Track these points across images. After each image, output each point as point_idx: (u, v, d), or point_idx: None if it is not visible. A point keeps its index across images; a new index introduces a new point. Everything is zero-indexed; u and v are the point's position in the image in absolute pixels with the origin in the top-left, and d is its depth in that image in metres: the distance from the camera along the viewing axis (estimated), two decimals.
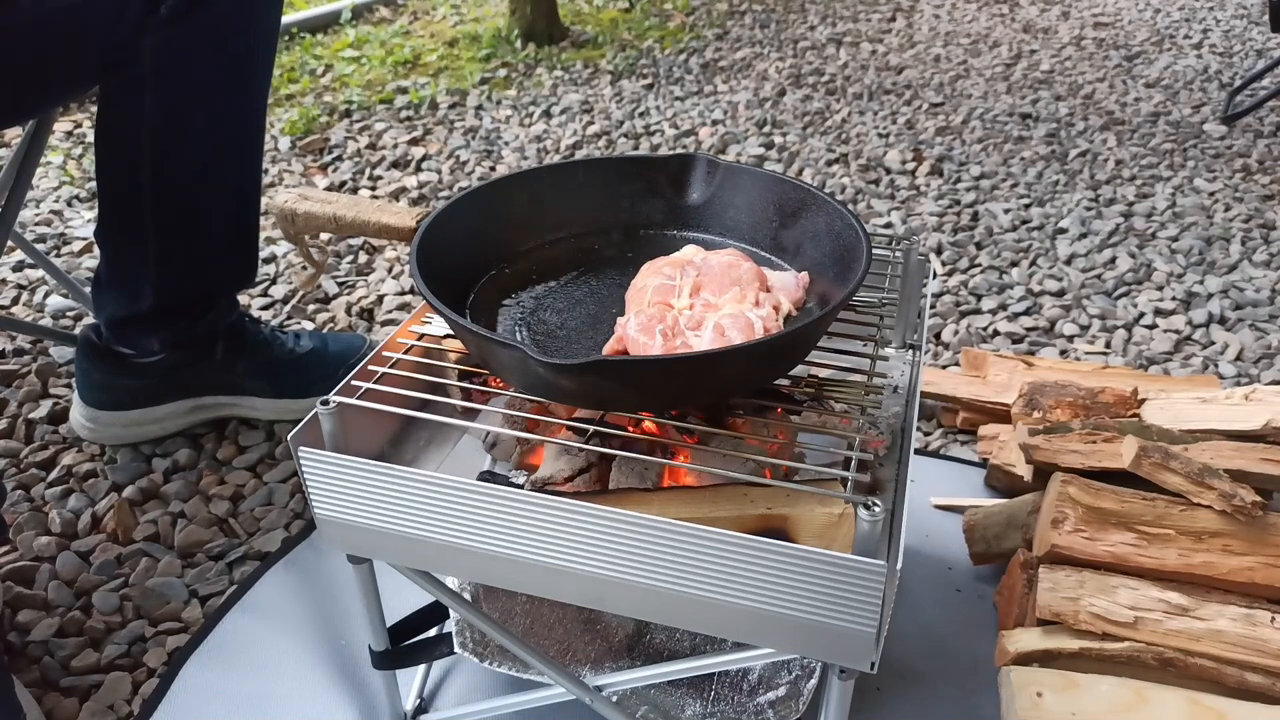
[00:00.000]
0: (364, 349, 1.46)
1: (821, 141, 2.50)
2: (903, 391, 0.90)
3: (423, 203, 2.19)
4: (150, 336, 1.34)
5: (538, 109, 2.71)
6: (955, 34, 3.41)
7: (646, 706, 0.94)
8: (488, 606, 1.03)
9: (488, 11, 3.60)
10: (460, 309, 0.85)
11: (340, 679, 1.06)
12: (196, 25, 1.14)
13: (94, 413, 1.37)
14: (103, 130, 1.22)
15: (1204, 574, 0.99)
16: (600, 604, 0.77)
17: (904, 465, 0.77)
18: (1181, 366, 1.62)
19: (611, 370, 0.70)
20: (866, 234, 0.81)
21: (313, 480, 0.78)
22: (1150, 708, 0.92)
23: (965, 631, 1.11)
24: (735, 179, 0.95)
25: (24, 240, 1.52)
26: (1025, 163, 2.38)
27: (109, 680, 1.06)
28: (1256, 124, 2.61)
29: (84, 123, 2.51)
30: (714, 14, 3.63)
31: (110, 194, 1.26)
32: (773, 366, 0.79)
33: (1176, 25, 3.50)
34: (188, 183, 1.25)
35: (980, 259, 1.94)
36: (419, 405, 0.82)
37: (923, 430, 1.47)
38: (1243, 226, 2.07)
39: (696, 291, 0.82)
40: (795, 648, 0.74)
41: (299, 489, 1.33)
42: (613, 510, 0.69)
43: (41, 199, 2.13)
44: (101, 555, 1.22)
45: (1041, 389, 1.28)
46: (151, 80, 1.15)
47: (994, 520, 1.16)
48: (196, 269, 1.32)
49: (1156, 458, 1.01)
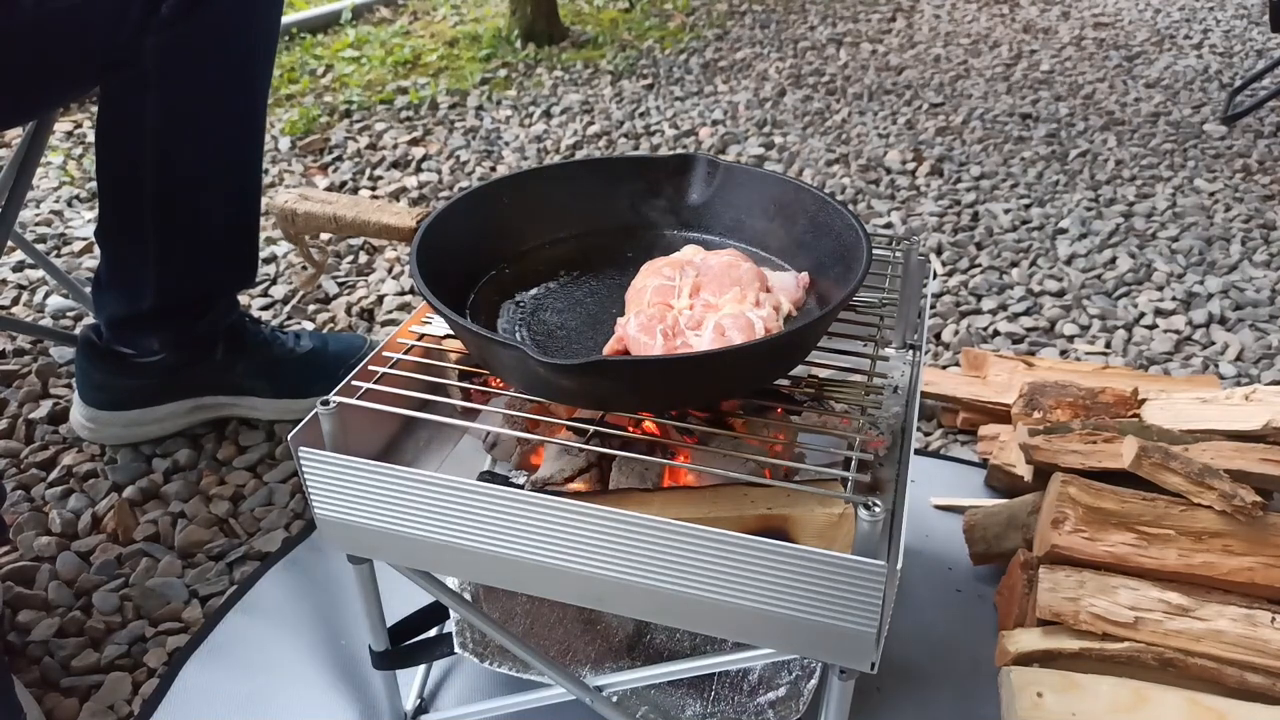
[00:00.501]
0: (364, 349, 1.46)
1: (821, 142, 2.50)
2: (903, 392, 0.90)
3: (423, 203, 2.19)
4: (150, 336, 1.34)
5: (538, 109, 2.71)
6: (955, 34, 3.41)
7: (646, 707, 0.94)
8: (488, 607, 1.03)
9: (488, 11, 3.60)
10: (460, 309, 0.85)
11: (340, 679, 1.06)
12: (198, 25, 1.14)
13: (94, 413, 1.37)
14: (103, 130, 1.22)
15: (1204, 574, 0.99)
16: (600, 604, 0.77)
17: (904, 465, 0.77)
18: (1182, 367, 1.62)
19: (612, 370, 0.70)
20: (867, 234, 0.81)
21: (313, 480, 0.78)
22: (1150, 708, 0.92)
23: (965, 632, 1.11)
24: (735, 179, 0.95)
25: (24, 240, 1.52)
26: (1025, 163, 2.38)
27: (109, 680, 1.06)
28: (1257, 124, 2.61)
29: (84, 123, 2.51)
30: (714, 14, 3.63)
31: (110, 194, 1.26)
32: (773, 366, 0.79)
33: (1177, 25, 3.50)
34: (188, 182, 1.25)
35: (980, 259, 1.94)
36: (419, 405, 0.81)
37: (923, 430, 1.47)
38: (1243, 227, 2.07)
39: (696, 292, 0.82)
40: (795, 648, 0.74)
41: (299, 489, 1.33)
42: (613, 510, 0.69)
43: (41, 199, 2.13)
44: (101, 555, 1.22)
45: (1042, 389, 1.28)
46: (153, 80, 1.15)
47: (994, 520, 1.16)
48: (197, 269, 1.32)
49: (1157, 458, 1.01)
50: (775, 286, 0.84)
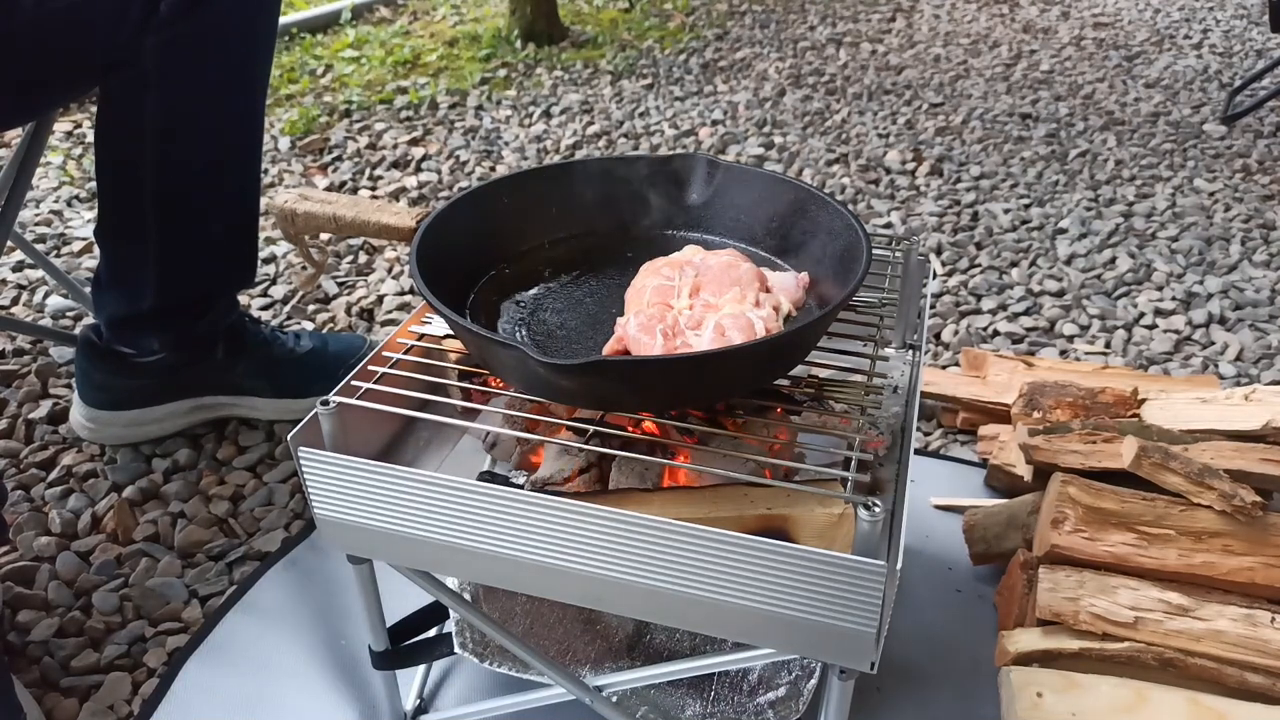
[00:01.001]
0: (364, 349, 1.46)
1: (821, 142, 2.50)
2: (903, 392, 0.90)
3: (423, 203, 2.19)
4: (150, 336, 1.34)
5: (538, 109, 2.71)
6: (955, 34, 3.41)
7: (646, 707, 0.94)
8: (488, 607, 1.03)
9: (488, 11, 3.60)
10: (460, 309, 0.85)
11: (340, 679, 1.06)
12: (198, 25, 1.14)
13: (94, 412, 1.37)
14: (103, 130, 1.22)
15: (1204, 574, 0.99)
16: (600, 604, 0.77)
17: (904, 465, 0.77)
18: (1181, 367, 1.62)
19: (612, 370, 0.70)
20: (867, 234, 0.81)
21: (313, 480, 0.78)
22: (1151, 708, 0.92)
23: (965, 632, 1.11)
24: (735, 179, 0.95)
25: (24, 240, 1.52)
26: (1025, 163, 2.38)
27: (109, 680, 1.06)
28: (1256, 124, 2.61)
29: (84, 123, 2.51)
30: (714, 14, 3.63)
31: (110, 193, 1.26)
32: (773, 367, 0.79)
33: (1176, 25, 3.50)
34: (188, 182, 1.25)
35: (980, 259, 1.94)
36: (419, 405, 0.81)
37: (923, 430, 1.47)
38: (1243, 227, 2.07)
39: (696, 292, 0.82)
40: (795, 648, 0.74)
41: (299, 489, 1.33)
42: (613, 510, 0.69)
43: (41, 199, 2.13)
44: (101, 555, 1.22)
45: (1041, 389, 1.28)
46: (153, 80, 1.15)
47: (994, 520, 1.16)
48: (196, 268, 1.32)
49: (1156, 458, 1.01)
50: (775, 286, 0.84)
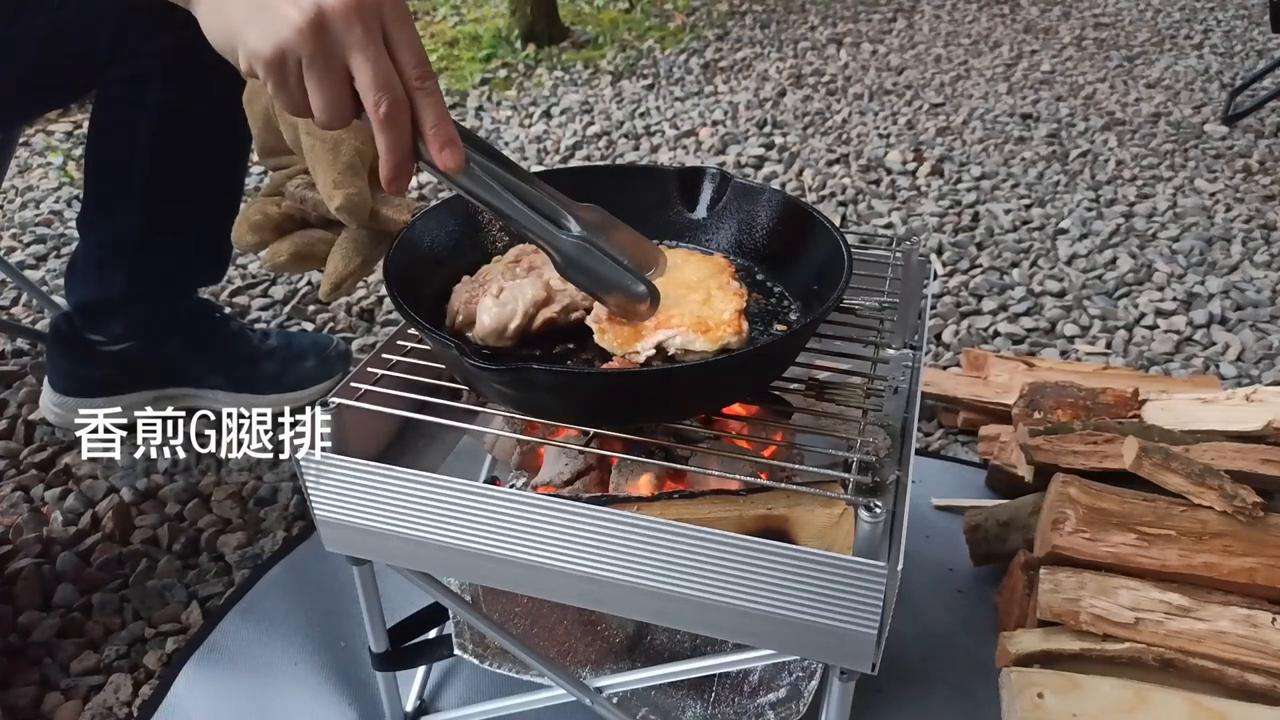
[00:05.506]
0: (331, 348, 1.48)
1: (822, 142, 2.50)
2: (903, 392, 0.89)
3: (423, 203, 2.19)
4: (117, 322, 1.36)
5: (538, 109, 2.71)
6: (956, 34, 3.41)
7: (647, 708, 0.94)
8: (488, 608, 1.03)
9: (488, 12, 3.59)
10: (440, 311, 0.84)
11: (340, 681, 1.06)
12: (197, 25, 1.14)
13: (61, 398, 1.40)
14: (99, 125, 1.24)
15: (1205, 575, 0.99)
16: (600, 605, 0.77)
17: (905, 466, 0.76)
18: (1182, 367, 1.62)
19: (540, 379, 0.68)
20: (850, 253, 0.80)
21: (312, 481, 0.78)
22: (1151, 709, 0.92)
23: (966, 633, 1.11)
24: (741, 195, 0.94)
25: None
26: (1026, 163, 2.38)
27: (109, 682, 1.06)
28: (1257, 124, 2.60)
29: (83, 123, 2.51)
30: (714, 14, 3.63)
31: (99, 185, 1.28)
32: (711, 391, 0.76)
33: (1177, 26, 3.50)
34: (179, 179, 1.26)
35: (981, 259, 1.94)
36: (418, 407, 0.81)
37: (923, 431, 1.47)
38: (1243, 227, 2.06)
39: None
40: (796, 649, 0.74)
41: (299, 489, 1.33)
42: (613, 511, 0.69)
43: (41, 199, 2.13)
44: (101, 556, 1.22)
45: (1042, 390, 1.28)
46: (154, 79, 1.16)
47: (995, 521, 1.16)
48: (173, 261, 1.33)
49: (1157, 458, 1.01)
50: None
